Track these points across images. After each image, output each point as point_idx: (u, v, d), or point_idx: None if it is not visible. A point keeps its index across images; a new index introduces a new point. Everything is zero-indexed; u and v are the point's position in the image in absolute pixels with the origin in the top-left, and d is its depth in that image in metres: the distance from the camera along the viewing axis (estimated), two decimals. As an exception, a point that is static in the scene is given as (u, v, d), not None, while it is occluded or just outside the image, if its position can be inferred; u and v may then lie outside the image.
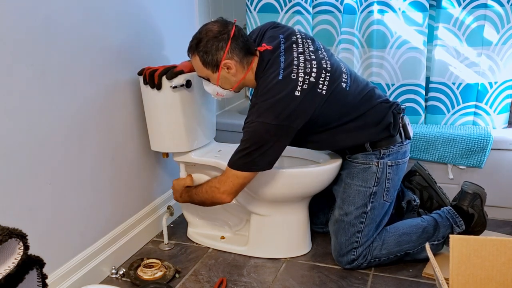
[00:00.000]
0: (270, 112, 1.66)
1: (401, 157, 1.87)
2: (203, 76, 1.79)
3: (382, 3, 2.31)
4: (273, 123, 1.65)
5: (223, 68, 1.71)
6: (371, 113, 1.82)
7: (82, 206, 1.74)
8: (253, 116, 1.69)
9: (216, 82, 1.77)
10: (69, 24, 1.60)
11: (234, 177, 1.73)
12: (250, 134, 1.69)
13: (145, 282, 1.80)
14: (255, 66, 1.76)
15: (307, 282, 1.82)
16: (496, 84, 2.30)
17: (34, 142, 1.50)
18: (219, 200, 1.80)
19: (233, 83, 1.78)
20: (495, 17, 2.21)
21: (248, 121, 1.71)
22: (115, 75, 1.86)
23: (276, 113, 1.65)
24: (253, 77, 1.77)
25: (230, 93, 1.83)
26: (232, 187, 1.75)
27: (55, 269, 1.63)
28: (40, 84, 1.50)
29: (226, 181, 1.75)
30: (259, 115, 1.67)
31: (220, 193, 1.76)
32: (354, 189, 1.86)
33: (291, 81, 1.67)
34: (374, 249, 1.86)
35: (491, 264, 1.24)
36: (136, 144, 2.02)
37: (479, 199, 1.92)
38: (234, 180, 1.74)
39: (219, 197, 1.78)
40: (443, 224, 1.88)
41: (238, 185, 1.75)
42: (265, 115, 1.66)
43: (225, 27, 1.70)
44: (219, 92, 1.81)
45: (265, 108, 1.67)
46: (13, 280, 0.91)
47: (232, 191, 1.76)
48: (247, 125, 1.71)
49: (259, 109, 1.68)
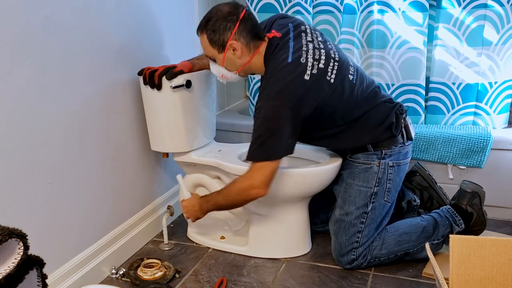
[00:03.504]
0: (279, 95, 1.65)
1: (403, 158, 1.87)
2: (209, 56, 1.79)
3: (382, 3, 2.31)
4: (283, 106, 1.64)
5: (229, 49, 1.71)
6: (374, 112, 1.82)
7: (82, 206, 1.74)
8: (263, 101, 1.68)
9: (222, 63, 1.76)
10: (69, 24, 1.60)
11: (260, 169, 1.68)
12: (262, 119, 1.67)
13: (145, 282, 1.80)
14: (264, 50, 1.75)
15: (307, 282, 1.82)
16: (496, 84, 2.30)
17: (34, 142, 1.50)
18: (255, 196, 1.72)
19: (238, 66, 1.77)
20: (495, 17, 2.21)
21: (258, 107, 1.69)
22: (115, 75, 1.86)
23: (285, 96, 1.64)
24: (261, 61, 1.76)
25: (235, 77, 1.81)
26: (263, 179, 1.69)
27: (55, 269, 1.63)
28: (39, 83, 1.50)
29: (254, 175, 1.69)
30: (268, 99, 1.66)
31: (254, 189, 1.69)
32: (355, 189, 1.86)
33: (301, 64, 1.68)
34: (374, 248, 1.86)
35: (491, 264, 1.24)
36: (136, 144, 2.02)
37: (478, 197, 1.92)
38: (262, 172, 1.68)
39: (255, 193, 1.71)
40: (443, 223, 1.88)
41: (268, 176, 1.69)
42: (275, 98, 1.65)
43: (236, 9, 1.71)
44: (224, 74, 1.80)
45: (275, 91, 1.66)
46: (13, 280, 0.91)
47: (265, 183, 1.69)
48: (258, 111, 1.68)
49: (269, 93, 1.67)
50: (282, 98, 1.65)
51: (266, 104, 1.66)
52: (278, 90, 1.65)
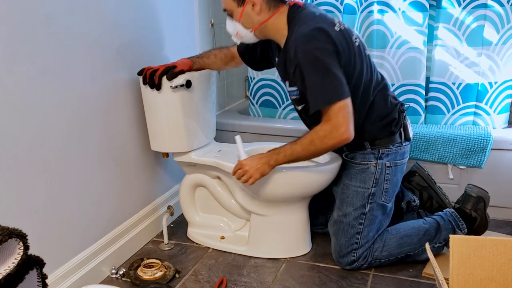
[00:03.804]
0: (316, 37, 1.63)
1: (400, 158, 1.87)
2: (227, 9, 1.77)
3: (382, 3, 2.31)
4: (323, 47, 1.63)
5: (249, 3, 1.70)
6: (380, 104, 1.82)
7: (82, 206, 1.74)
8: (300, 49, 1.63)
9: (239, 18, 1.74)
10: (69, 24, 1.59)
11: (338, 110, 1.63)
12: (309, 65, 1.63)
13: (145, 282, 1.80)
14: (285, 12, 1.74)
15: (307, 282, 1.82)
16: (496, 84, 2.30)
17: (34, 142, 1.50)
18: (344, 141, 1.66)
19: (255, 23, 1.74)
20: (495, 17, 2.21)
21: (297, 61, 1.65)
22: (115, 75, 1.86)
23: (322, 37, 1.63)
24: (281, 22, 1.73)
25: (250, 36, 1.79)
26: (345, 120, 1.64)
27: (55, 269, 1.63)
28: (39, 83, 1.50)
29: (335, 120, 1.63)
30: (307, 43, 1.63)
31: (341, 134, 1.64)
32: (352, 190, 1.86)
33: (329, 19, 1.71)
34: (375, 250, 1.86)
35: (491, 264, 1.24)
36: (136, 144, 2.02)
37: (483, 202, 1.91)
38: (342, 112, 1.63)
39: (343, 138, 1.65)
40: (445, 226, 1.87)
41: (348, 115, 1.64)
42: (310, 42, 1.63)
43: None
44: (240, 32, 1.78)
45: (310, 35, 1.64)
46: (13, 280, 0.91)
47: (349, 124, 1.64)
48: (300, 63, 1.64)
49: (305, 38, 1.64)
50: (319, 40, 1.63)
51: (306, 49, 1.63)
52: (313, 34, 1.64)
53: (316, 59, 1.63)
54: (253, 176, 1.74)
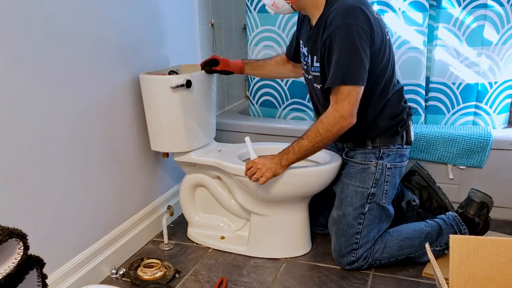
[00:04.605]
0: (352, 14, 1.63)
1: (399, 161, 1.87)
2: None
3: (382, 3, 2.31)
4: (357, 25, 1.62)
5: None
6: (395, 104, 1.84)
7: (82, 206, 1.74)
8: (336, 22, 1.63)
9: None
10: (69, 24, 1.60)
11: (347, 94, 1.65)
12: (340, 40, 1.63)
13: (145, 282, 1.80)
14: None
15: (307, 282, 1.82)
16: (496, 84, 2.30)
17: (34, 142, 1.50)
18: (348, 127, 1.69)
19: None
20: (495, 17, 2.21)
21: (329, 33, 1.64)
22: (115, 75, 1.86)
23: (358, 16, 1.63)
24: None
25: (286, 7, 1.76)
26: (351, 107, 1.66)
27: (55, 269, 1.63)
28: (40, 83, 1.50)
29: (342, 105, 1.65)
30: (343, 17, 1.63)
31: (345, 119, 1.66)
32: (352, 190, 1.86)
33: (369, 4, 1.73)
34: (376, 252, 1.85)
35: (491, 264, 1.24)
36: (136, 144, 2.02)
37: (486, 208, 1.90)
38: (349, 98, 1.65)
39: (348, 123, 1.68)
40: (447, 230, 1.87)
41: (354, 101, 1.66)
42: (350, 17, 1.63)
43: None
44: (276, 2, 1.75)
45: (348, 9, 1.64)
46: (13, 280, 0.91)
47: (354, 111, 1.67)
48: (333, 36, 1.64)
49: (343, 11, 1.64)
50: (359, 18, 1.63)
51: (345, 21, 1.62)
52: (356, 11, 1.63)
53: (349, 35, 1.63)
54: (264, 175, 1.76)
